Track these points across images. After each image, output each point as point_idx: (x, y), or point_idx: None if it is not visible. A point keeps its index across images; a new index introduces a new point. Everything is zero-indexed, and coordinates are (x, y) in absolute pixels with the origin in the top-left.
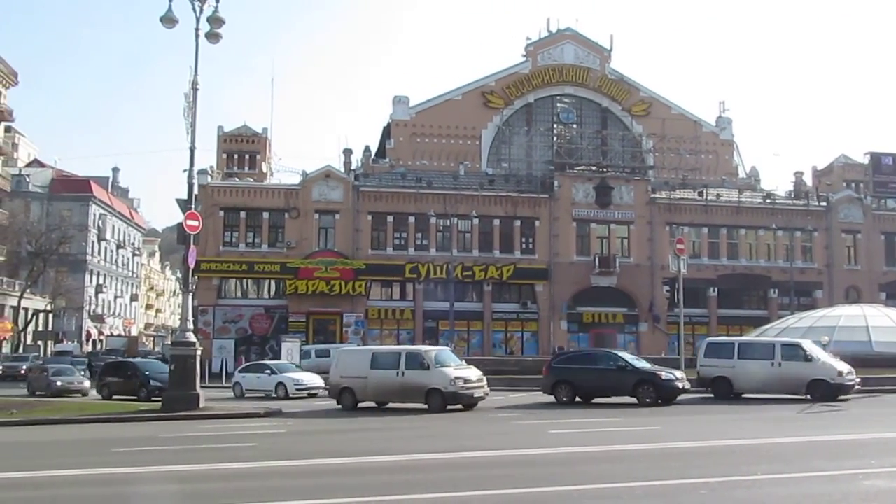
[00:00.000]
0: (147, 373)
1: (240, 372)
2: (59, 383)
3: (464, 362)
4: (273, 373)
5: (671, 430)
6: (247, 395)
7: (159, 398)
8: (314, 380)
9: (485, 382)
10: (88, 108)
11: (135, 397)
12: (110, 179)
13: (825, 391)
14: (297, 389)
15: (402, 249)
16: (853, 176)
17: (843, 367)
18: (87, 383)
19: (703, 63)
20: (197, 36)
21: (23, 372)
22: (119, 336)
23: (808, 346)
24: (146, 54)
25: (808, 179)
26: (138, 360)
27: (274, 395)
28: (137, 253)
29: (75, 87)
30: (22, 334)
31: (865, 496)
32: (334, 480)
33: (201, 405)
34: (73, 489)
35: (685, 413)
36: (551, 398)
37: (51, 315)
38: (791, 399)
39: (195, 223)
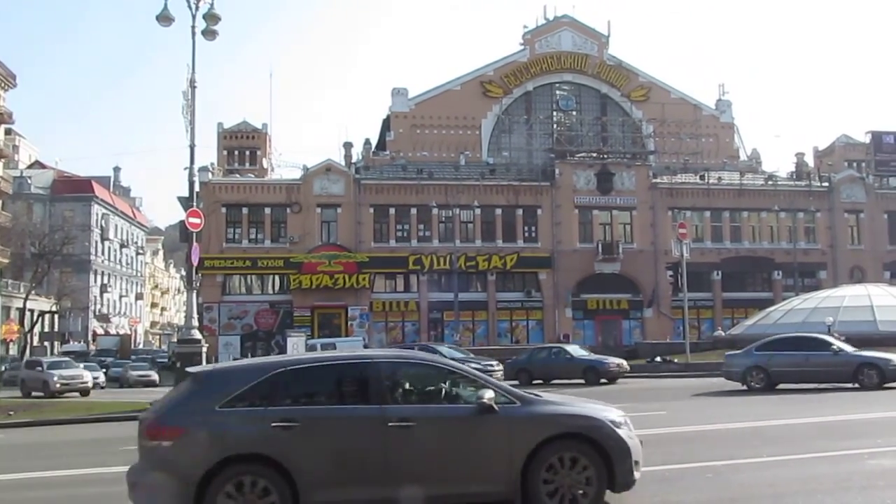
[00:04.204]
0: None
1: None
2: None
3: None
4: None
5: (676, 414)
6: None
7: None
8: None
9: None
10: (88, 108)
11: None
12: (112, 179)
13: None
14: None
15: (404, 241)
16: (855, 155)
17: None
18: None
19: (702, 46)
20: (193, 33)
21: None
22: (111, 335)
23: None
24: (143, 53)
25: (810, 160)
26: None
27: None
28: (141, 252)
29: (74, 87)
30: (28, 336)
31: (870, 475)
32: None
33: None
34: (83, 488)
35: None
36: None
37: (56, 316)
38: None
39: (197, 220)
